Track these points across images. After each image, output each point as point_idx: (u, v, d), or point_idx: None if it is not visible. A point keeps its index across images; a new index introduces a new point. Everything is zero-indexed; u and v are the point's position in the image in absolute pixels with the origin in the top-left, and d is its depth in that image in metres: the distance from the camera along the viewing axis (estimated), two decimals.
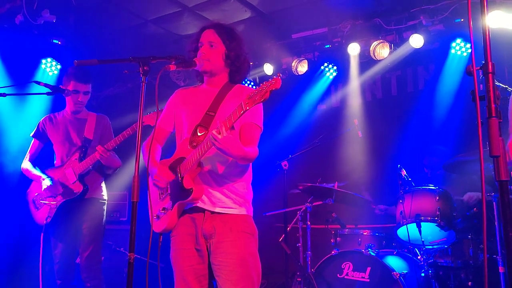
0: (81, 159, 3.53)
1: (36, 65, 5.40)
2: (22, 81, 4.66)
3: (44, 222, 3.45)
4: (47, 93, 3.41)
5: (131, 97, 6.17)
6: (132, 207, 2.02)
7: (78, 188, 3.48)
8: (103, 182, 3.73)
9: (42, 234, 3.41)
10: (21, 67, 5.17)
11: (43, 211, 3.53)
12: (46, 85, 3.40)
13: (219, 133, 2.09)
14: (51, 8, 4.66)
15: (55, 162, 3.68)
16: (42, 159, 3.79)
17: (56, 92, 3.43)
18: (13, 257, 4.93)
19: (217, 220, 2.34)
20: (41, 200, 3.55)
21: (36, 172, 3.63)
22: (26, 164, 3.71)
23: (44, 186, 3.55)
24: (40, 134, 3.74)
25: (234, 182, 2.39)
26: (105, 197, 3.70)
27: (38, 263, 3.38)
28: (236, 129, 2.40)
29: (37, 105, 5.25)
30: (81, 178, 3.51)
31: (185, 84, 6.04)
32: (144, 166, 2.43)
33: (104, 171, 3.69)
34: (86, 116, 3.73)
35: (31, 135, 3.78)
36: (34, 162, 3.74)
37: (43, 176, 3.58)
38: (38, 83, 3.38)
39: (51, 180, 3.54)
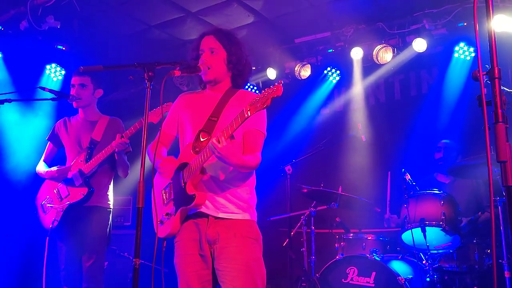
0: (86, 160, 3.50)
1: (40, 71, 5.41)
2: (26, 87, 4.69)
3: (50, 226, 3.45)
4: (52, 99, 3.42)
5: (135, 102, 6.18)
6: (137, 212, 2.02)
7: (83, 190, 3.45)
8: (111, 190, 3.68)
9: (47, 238, 3.41)
10: (25, 73, 5.19)
11: (50, 215, 3.52)
12: (51, 91, 3.40)
13: (219, 142, 2.10)
14: (55, 14, 4.67)
15: (66, 164, 3.65)
16: (55, 164, 3.77)
17: (61, 98, 3.44)
18: (21, 263, 4.93)
19: (221, 225, 2.34)
20: (48, 204, 3.55)
21: (47, 168, 3.61)
22: (40, 166, 3.69)
23: (50, 190, 3.55)
24: (54, 137, 3.74)
25: (237, 187, 2.39)
26: (111, 206, 3.65)
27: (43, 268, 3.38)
28: (239, 136, 2.41)
29: (42, 111, 5.27)
30: (87, 180, 3.47)
31: (188, 89, 6.05)
32: (149, 171, 2.44)
33: (111, 176, 3.65)
34: (97, 118, 3.69)
35: (46, 138, 3.78)
36: (48, 165, 3.73)
37: (53, 168, 3.56)
38: (43, 88, 3.39)
39: (62, 177, 3.53)
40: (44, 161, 3.75)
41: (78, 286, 3.45)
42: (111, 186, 3.68)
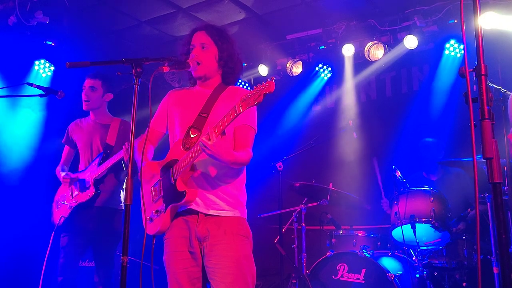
0: (100, 164, 3.53)
1: (29, 66, 5.37)
2: (15, 82, 4.63)
3: (58, 222, 3.50)
4: (40, 95, 3.38)
5: (126, 98, 6.14)
6: (125, 209, 2.00)
7: (90, 192, 3.48)
8: (122, 190, 3.69)
9: (53, 233, 3.46)
10: (14, 68, 5.14)
11: (60, 211, 3.57)
12: (39, 87, 3.37)
13: (209, 139, 2.08)
14: (44, 9, 4.63)
15: (79, 166, 3.68)
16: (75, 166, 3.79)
17: (49, 94, 3.40)
18: (15, 257, 4.91)
19: (211, 222, 2.33)
20: (61, 201, 3.60)
21: (62, 173, 3.64)
22: (58, 169, 3.72)
23: (66, 188, 3.60)
24: (69, 140, 3.76)
25: (227, 184, 2.38)
26: (123, 206, 3.65)
27: (38, 264, 3.38)
28: (230, 132, 2.40)
29: (30, 107, 5.22)
30: (96, 183, 3.49)
31: (179, 85, 6.03)
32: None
33: (121, 178, 3.66)
34: (110, 122, 3.71)
35: (62, 141, 3.80)
36: (68, 167, 3.76)
37: (64, 175, 3.60)
38: (31, 84, 3.35)
39: (73, 182, 3.57)
40: (64, 164, 3.77)
41: (74, 279, 3.46)
42: (121, 187, 3.69)
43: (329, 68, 5.70)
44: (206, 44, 2.46)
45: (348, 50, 5.25)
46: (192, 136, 2.37)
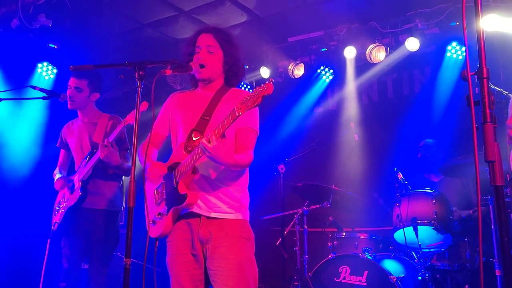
0: (86, 164, 3.44)
1: (32, 69, 5.39)
2: (18, 85, 4.65)
3: (52, 228, 3.44)
4: (43, 98, 3.39)
5: (128, 101, 6.18)
6: (128, 212, 2.01)
7: (76, 194, 3.39)
8: (120, 191, 3.58)
9: (49, 240, 3.40)
10: (17, 71, 5.17)
11: (56, 217, 3.52)
12: (42, 90, 3.37)
13: (209, 142, 2.09)
14: (47, 12, 4.64)
15: (75, 168, 3.59)
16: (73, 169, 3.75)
17: (52, 97, 3.41)
18: (16, 260, 4.91)
19: (213, 225, 2.33)
20: (57, 206, 3.54)
21: (58, 175, 3.57)
22: (55, 173, 3.66)
23: (61, 192, 3.55)
24: (63, 143, 3.68)
25: (229, 186, 2.38)
26: (120, 207, 3.56)
27: (39, 267, 3.36)
28: (232, 134, 2.40)
29: (33, 110, 5.24)
30: (83, 184, 3.38)
31: (181, 88, 6.04)
32: (141, 171, 2.43)
33: (112, 176, 3.53)
34: (97, 119, 3.57)
35: (56, 145, 3.72)
36: (67, 170, 3.67)
37: (55, 180, 3.54)
38: (34, 87, 3.36)
39: (65, 185, 3.51)
40: (60, 167, 3.68)
41: (76, 285, 3.40)
42: (119, 187, 3.58)
43: (331, 71, 5.71)
44: (212, 47, 2.46)
45: (349, 53, 5.26)
46: (194, 139, 2.37)
